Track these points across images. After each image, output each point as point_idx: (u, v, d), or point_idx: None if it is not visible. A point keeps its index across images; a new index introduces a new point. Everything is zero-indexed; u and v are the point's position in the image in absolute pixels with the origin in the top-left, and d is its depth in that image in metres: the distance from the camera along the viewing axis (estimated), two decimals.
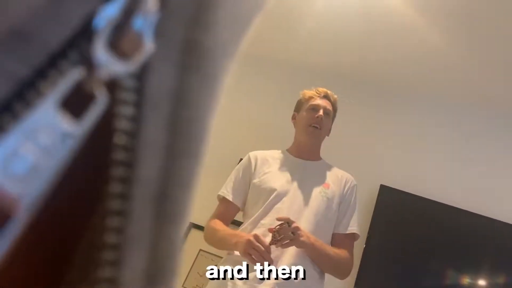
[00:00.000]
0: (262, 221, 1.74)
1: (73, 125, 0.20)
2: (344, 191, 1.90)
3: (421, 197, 2.59)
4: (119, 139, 0.22)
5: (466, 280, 2.22)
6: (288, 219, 1.63)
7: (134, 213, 0.23)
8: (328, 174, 1.93)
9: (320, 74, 2.89)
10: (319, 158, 1.99)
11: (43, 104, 0.19)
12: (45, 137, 0.19)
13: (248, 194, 1.88)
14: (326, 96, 1.97)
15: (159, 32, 0.22)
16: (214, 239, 1.81)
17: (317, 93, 1.96)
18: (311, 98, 1.96)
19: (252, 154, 1.96)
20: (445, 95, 2.71)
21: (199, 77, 0.24)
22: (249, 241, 1.58)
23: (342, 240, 1.82)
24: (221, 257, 2.46)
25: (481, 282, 2.24)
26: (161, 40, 0.23)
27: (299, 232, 1.63)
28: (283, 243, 1.62)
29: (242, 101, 2.83)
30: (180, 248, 0.26)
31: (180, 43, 0.23)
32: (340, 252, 1.78)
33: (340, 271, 1.81)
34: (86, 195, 0.23)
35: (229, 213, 1.89)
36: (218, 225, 1.81)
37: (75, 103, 0.20)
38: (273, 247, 1.61)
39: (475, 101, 2.64)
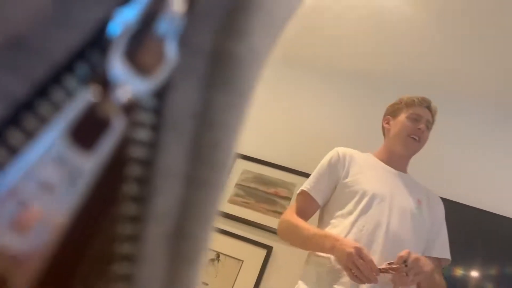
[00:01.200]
0: (358, 225, 1.57)
1: (84, 159, 0.16)
2: (436, 211, 1.76)
3: None
4: (132, 170, 0.18)
5: (459, 272, 2.22)
6: (408, 255, 1.42)
7: (146, 257, 0.19)
8: (419, 190, 1.77)
9: (336, 75, 2.80)
10: (406, 171, 1.83)
11: (48, 133, 0.15)
12: (51, 175, 0.15)
13: (333, 192, 1.70)
14: (428, 107, 1.78)
15: (184, 40, 0.19)
16: (297, 237, 1.64)
17: (419, 101, 1.78)
18: (411, 105, 1.78)
19: (340, 150, 1.77)
20: (454, 90, 2.66)
21: (227, 94, 0.20)
22: (350, 254, 1.40)
23: (435, 265, 1.60)
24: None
25: (474, 273, 2.25)
26: (185, 50, 0.19)
27: (420, 263, 1.43)
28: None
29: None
30: None
31: (208, 54, 0.19)
32: (441, 281, 1.62)
33: None
34: (90, 238, 0.19)
35: (309, 210, 1.70)
36: (300, 221, 1.62)
37: (86, 130, 0.16)
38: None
39: (476, 95, 2.60)
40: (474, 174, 2.41)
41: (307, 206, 1.70)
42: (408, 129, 1.74)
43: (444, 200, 2.28)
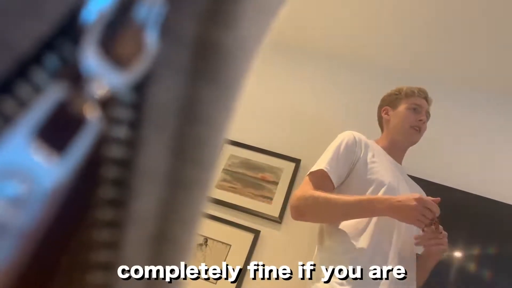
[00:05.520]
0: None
1: (55, 163, 0.14)
2: None
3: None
4: (109, 172, 0.17)
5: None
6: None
7: (125, 264, 0.18)
8: (414, 186, 1.78)
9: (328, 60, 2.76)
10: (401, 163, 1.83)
11: (11, 135, 0.13)
12: (15, 183, 0.13)
13: (347, 175, 1.65)
14: (426, 98, 1.80)
15: (166, 29, 0.17)
16: (331, 207, 1.51)
17: (417, 92, 1.79)
18: (412, 95, 1.78)
19: (355, 133, 1.72)
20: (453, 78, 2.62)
21: (214, 87, 0.18)
22: (420, 200, 1.40)
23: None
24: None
25: (457, 253, 2.27)
26: (167, 39, 0.17)
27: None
28: (429, 242, 1.50)
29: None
30: None
31: (192, 43, 0.17)
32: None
33: None
34: (65, 246, 0.17)
35: (325, 190, 1.57)
36: (330, 193, 1.54)
37: (57, 130, 0.14)
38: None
39: (477, 86, 2.57)
40: (459, 157, 2.42)
41: (324, 187, 1.58)
42: (410, 120, 1.74)
43: (433, 183, 2.31)
